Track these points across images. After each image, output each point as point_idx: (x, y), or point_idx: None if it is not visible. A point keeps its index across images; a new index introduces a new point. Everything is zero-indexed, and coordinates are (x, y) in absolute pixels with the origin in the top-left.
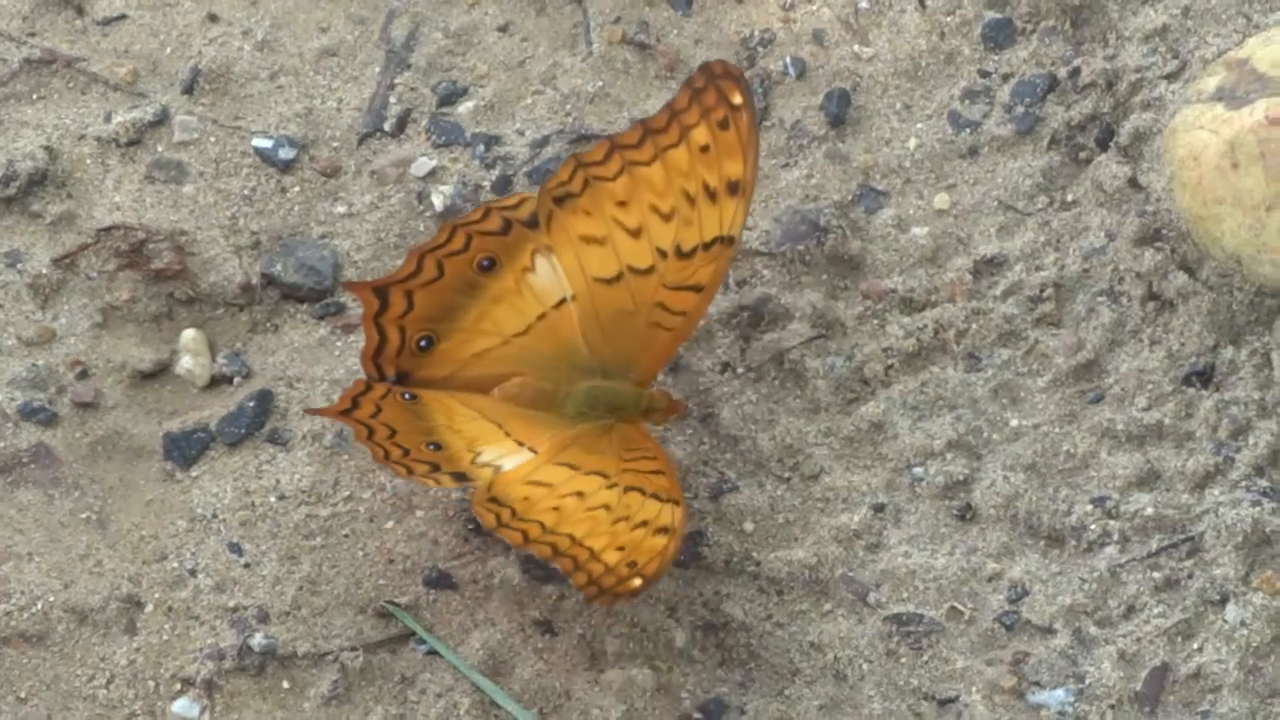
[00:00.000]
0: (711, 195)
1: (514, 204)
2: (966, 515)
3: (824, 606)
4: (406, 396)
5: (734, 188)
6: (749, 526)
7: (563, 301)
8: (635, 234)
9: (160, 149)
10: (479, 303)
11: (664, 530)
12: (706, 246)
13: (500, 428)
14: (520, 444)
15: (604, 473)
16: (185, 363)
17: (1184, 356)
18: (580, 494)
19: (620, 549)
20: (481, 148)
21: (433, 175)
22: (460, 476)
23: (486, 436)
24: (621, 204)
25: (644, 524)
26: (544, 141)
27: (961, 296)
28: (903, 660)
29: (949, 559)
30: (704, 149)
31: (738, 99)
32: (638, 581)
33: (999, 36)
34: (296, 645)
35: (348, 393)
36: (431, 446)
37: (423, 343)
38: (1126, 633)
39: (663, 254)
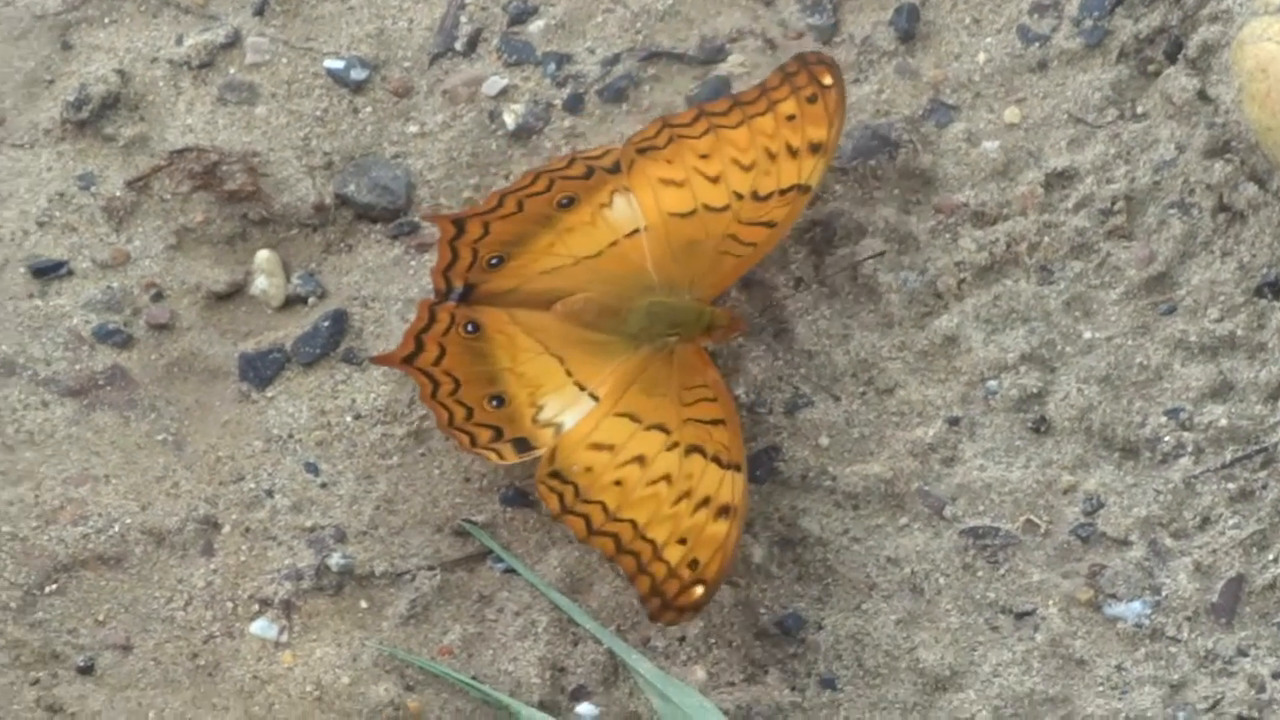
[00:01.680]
0: (793, 153)
1: (599, 154)
2: (1041, 428)
3: (900, 520)
4: (469, 329)
5: (816, 148)
6: (824, 441)
7: (635, 231)
8: (714, 180)
9: (232, 71)
10: (553, 231)
11: (725, 511)
12: (783, 192)
13: (562, 364)
14: (581, 387)
15: (665, 426)
16: (260, 283)
17: (1255, 268)
18: (641, 459)
19: (682, 542)
20: (552, 66)
21: (504, 94)
22: (522, 444)
23: (548, 379)
24: (704, 156)
25: (705, 503)
26: (615, 59)
27: (1033, 210)
28: (979, 574)
29: (1024, 472)
30: (790, 117)
31: (828, 80)
32: (700, 591)
33: None
34: (374, 565)
35: (410, 329)
36: (494, 402)
37: (493, 260)
38: (1202, 544)
39: (739, 196)
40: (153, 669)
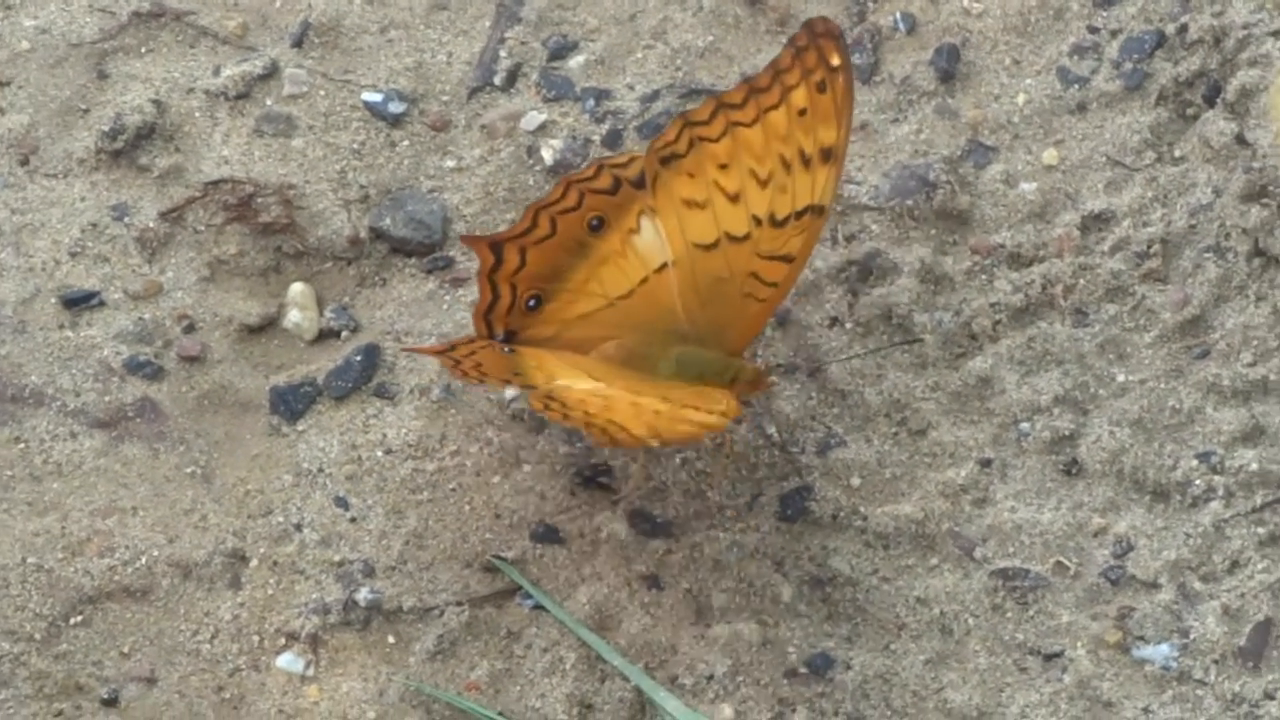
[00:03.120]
0: (806, 162)
1: (624, 162)
2: (1072, 470)
3: (930, 561)
4: (507, 350)
5: (826, 154)
6: (856, 481)
7: (664, 266)
8: (734, 199)
9: (269, 102)
10: (587, 263)
11: (703, 425)
12: (798, 215)
13: (588, 374)
14: (598, 381)
15: (667, 397)
16: (293, 316)
17: None
18: (636, 399)
19: (654, 431)
20: (592, 102)
21: (543, 129)
22: (530, 388)
23: (569, 374)
24: (723, 167)
25: (689, 418)
26: (654, 96)
27: (1069, 252)
28: (1008, 615)
29: (1055, 514)
30: (801, 113)
31: (835, 60)
32: (654, 441)
33: None
34: (402, 600)
35: (450, 339)
36: (513, 374)
37: (531, 302)
38: (1231, 588)
39: (758, 221)
40: (177, 702)
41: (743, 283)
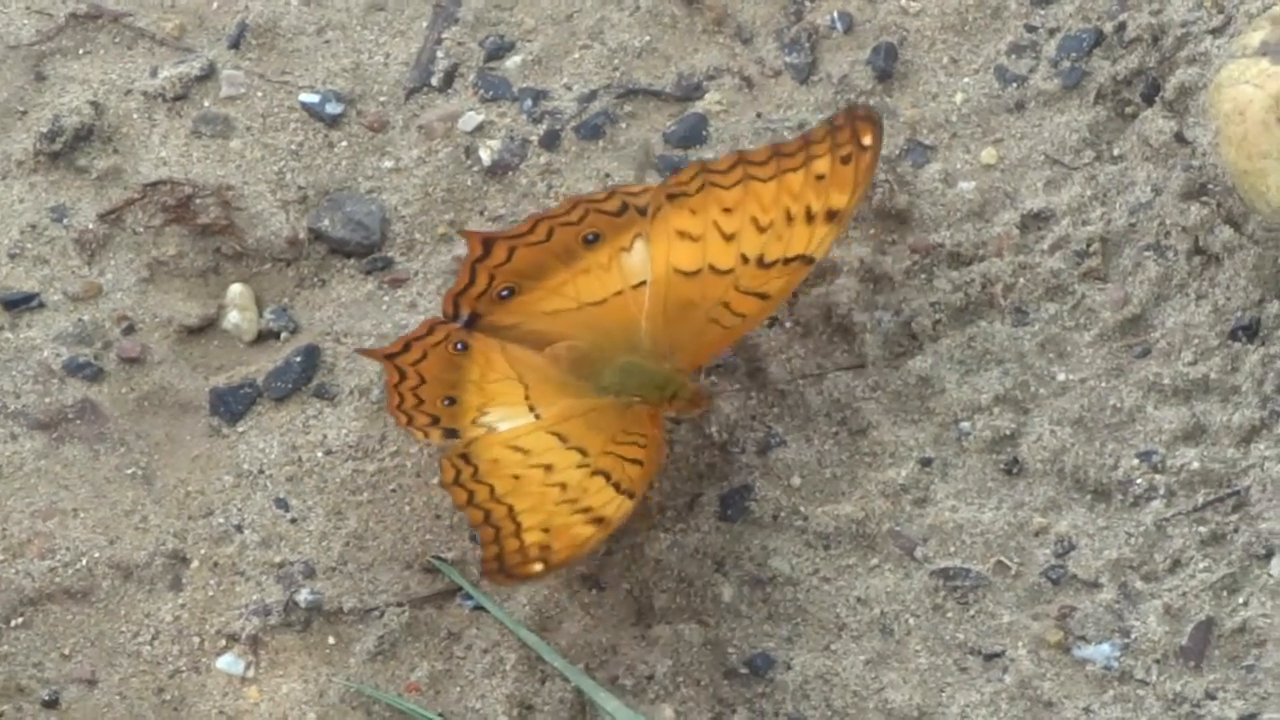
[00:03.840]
0: (810, 218)
1: (638, 192)
2: (1013, 469)
3: (871, 561)
4: (458, 347)
5: (831, 215)
6: (796, 481)
7: (641, 283)
8: (729, 238)
9: (207, 104)
10: (569, 269)
11: (599, 522)
12: (786, 261)
13: (525, 389)
14: (533, 409)
15: (585, 450)
16: (232, 318)
17: (1230, 311)
18: (549, 467)
19: (545, 531)
20: (529, 102)
21: (480, 130)
22: (452, 433)
23: (505, 397)
24: (727, 210)
25: (585, 510)
26: (591, 96)
27: (1008, 251)
28: (949, 615)
29: (995, 513)
30: (819, 178)
31: (868, 140)
32: (538, 568)
33: None
34: (342, 601)
35: (406, 336)
36: (446, 401)
37: (504, 292)
38: (1172, 587)
39: (745, 259)
40: (118, 704)
41: (711, 309)
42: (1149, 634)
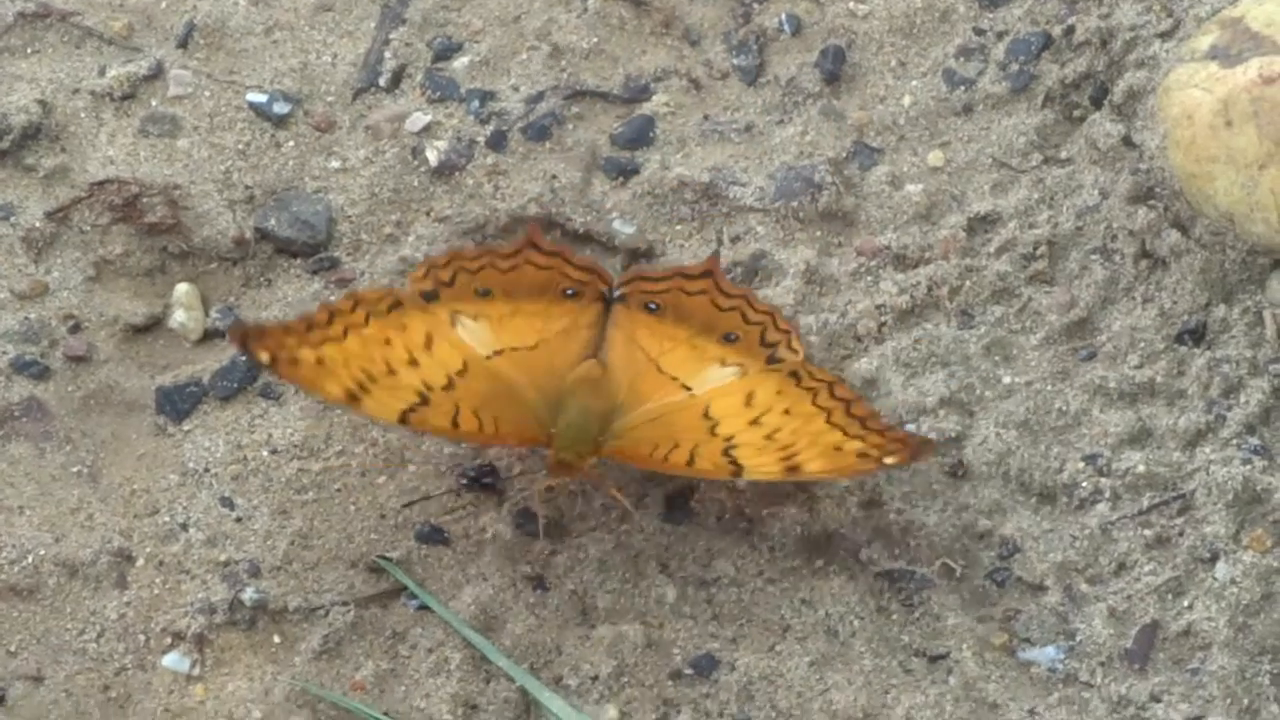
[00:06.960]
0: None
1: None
2: (959, 472)
3: (816, 563)
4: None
5: None
6: (741, 483)
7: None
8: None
9: (154, 103)
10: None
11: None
12: None
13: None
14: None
15: None
16: (178, 317)
17: (1176, 314)
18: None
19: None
20: (476, 103)
21: (427, 130)
22: None
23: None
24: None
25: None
26: (539, 97)
27: (955, 253)
28: (894, 617)
29: (941, 516)
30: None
31: (890, 461)
32: None
33: None
34: (287, 600)
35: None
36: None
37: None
38: (1117, 590)
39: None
40: (64, 700)
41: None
42: (1094, 637)
